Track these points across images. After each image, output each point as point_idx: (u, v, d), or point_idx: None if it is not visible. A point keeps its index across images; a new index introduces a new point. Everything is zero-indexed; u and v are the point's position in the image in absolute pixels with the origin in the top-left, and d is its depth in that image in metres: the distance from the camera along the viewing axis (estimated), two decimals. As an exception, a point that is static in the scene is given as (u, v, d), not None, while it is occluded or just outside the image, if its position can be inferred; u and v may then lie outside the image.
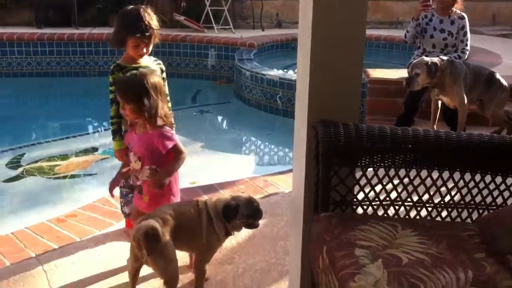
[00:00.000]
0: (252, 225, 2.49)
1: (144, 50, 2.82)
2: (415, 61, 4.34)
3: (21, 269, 2.62)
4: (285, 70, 6.89)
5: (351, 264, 1.53)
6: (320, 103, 1.93)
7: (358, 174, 1.93)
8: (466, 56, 4.93)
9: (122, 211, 3.02)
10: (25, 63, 7.49)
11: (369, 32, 8.25)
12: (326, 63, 1.90)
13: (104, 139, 5.17)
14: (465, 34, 4.89)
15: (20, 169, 4.43)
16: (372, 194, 1.95)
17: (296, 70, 6.26)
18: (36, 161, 4.61)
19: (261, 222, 3.13)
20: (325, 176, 1.85)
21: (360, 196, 1.94)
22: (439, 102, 4.46)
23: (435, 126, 4.47)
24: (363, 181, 1.92)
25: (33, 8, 8.36)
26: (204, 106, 6.65)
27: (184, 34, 7.88)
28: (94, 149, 5.00)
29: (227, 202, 2.40)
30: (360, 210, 1.95)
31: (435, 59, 4.24)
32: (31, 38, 7.48)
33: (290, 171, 3.90)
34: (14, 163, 4.52)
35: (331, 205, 1.88)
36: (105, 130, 5.47)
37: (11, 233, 2.95)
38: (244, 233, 3.02)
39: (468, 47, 4.94)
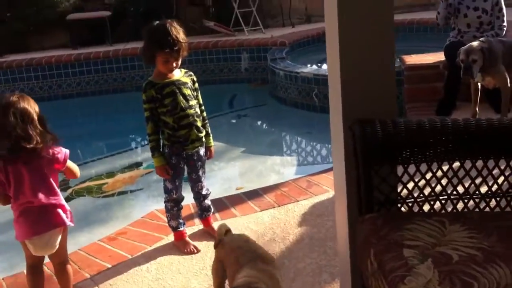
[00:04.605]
0: None
1: (174, 65, 2.84)
2: (464, 47, 4.13)
3: (78, 290, 2.70)
4: (319, 65, 6.83)
5: (400, 266, 1.50)
6: (354, 101, 1.90)
7: (399, 171, 1.90)
8: (503, 33, 4.76)
9: (169, 225, 3.06)
10: (65, 85, 7.69)
11: (401, 17, 8.10)
12: (356, 59, 1.88)
13: (146, 154, 5.25)
14: (500, 10, 4.72)
15: (69, 191, 4.56)
16: (416, 190, 1.91)
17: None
18: (84, 181, 4.73)
19: (308, 223, 3.15)
20: (366, 176, 1.83)
21: (404, 193, 1.90)
22: (479, 84, 4.33)
23: (477, 108, 4.34)
24: (405, 178, 1.89)
25: (68, 30, 8.57)
26: (241, 110, 6.68)
27: (215, 39, 7.93)
28: (138, 164, 5.09)
29: None
30: (406, 208, 1.91)
31: (475, 44, 4.09)
32: (68, 60, 7.68)
33: (332, 169, 3.87)
34: (63, 185, 4.64)
35: (376, 205, 1.85)
36: (146, 144, 5.55)
37: (66, 255, 3.04)
38: (292, 237, 3.03)
39: (505, 23, 4.77)
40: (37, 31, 8.60)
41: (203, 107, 3.03)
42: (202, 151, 3.02)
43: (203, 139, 3.01)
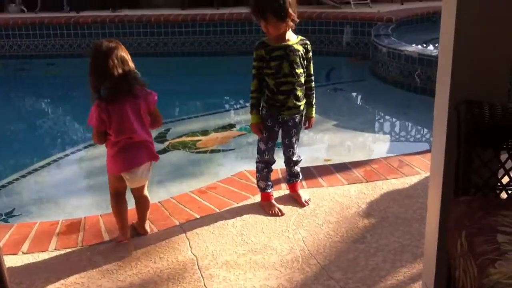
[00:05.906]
0: None
1: (271, 31, 2.83)
2: None
3: (166, 235, 2.86)
4: (424, 45, 6.58)
5: (493, 250, 1.46)
6: (463, 82, 1.84)
7: (503, 157, 1.82)
8: None
9: (258, 185, 3.14)
10: (170, 43, 7.99)
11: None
12: (471, 39, 1.80)
13: (241, 117, 5.39)
14: None
15: (166, 143, 4.78)
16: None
17: (437, 45, 5.96)
18: (180, 136, 4.94)
19: (396, 203, 3.10)
20: (467, 158, 1.77)
21: (505, 180, 1.83)
22: None
23: None
24: (509, 164, 1.81)
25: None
26: (337, 84, 6.60)
27: (320, 10, 7.85)
28: (232, 126, 5.22)
29: None
30: (504, 196, 1.84)
31: None
32: (176, 20, 7.94)
33: (426, 151, 3.77)
34: (161, 137, 4.88)
35: (472, 189, 1.80)
36: (241, 107, 5.68)
37: (159, 202, 3.20)
38: (377, 213, 3.00)
39: None
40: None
41: (312, 78, 3.02)
42: (298, 118, 3.04)
43: (301, 107, 3.02)
